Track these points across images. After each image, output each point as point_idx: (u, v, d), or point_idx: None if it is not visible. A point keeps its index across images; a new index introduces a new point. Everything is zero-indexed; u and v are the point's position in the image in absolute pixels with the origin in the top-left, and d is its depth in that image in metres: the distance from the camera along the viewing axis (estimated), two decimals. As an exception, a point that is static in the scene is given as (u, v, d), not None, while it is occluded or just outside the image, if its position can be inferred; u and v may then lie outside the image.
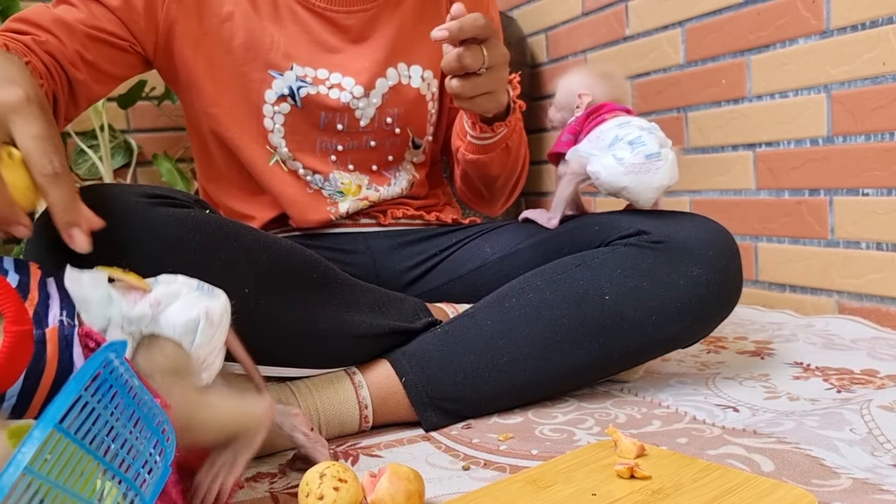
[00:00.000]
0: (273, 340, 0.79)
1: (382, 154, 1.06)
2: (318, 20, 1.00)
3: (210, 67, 0.99)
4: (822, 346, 1.13)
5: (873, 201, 1.26)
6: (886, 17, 1.21)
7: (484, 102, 0.89)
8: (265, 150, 1.01)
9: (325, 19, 1.00)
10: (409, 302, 0.93)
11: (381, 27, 1.03)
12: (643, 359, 0.93)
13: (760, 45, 1.43)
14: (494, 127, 0.97)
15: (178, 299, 0.59)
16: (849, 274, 1.32)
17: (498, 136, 0.98)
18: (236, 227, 0.78)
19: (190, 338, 0.59)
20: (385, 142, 1.05)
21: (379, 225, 1.08)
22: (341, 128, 1.02)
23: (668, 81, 1.65)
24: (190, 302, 0.59)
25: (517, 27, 2.03)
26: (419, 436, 0.85)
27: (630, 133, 0.91)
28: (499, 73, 0.87)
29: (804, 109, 1.36)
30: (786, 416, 0.81)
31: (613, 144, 0.91)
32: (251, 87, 0.99)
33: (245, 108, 1.00)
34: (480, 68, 0.84)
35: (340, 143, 1.03)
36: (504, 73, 0.89)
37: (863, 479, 0.65)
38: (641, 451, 0.69)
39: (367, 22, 1.02)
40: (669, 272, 0.87)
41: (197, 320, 0.59)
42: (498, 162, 1.03)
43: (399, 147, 1.07)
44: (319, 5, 1.00)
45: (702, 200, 1.61)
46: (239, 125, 1.00)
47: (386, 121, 1.04)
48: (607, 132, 0.92)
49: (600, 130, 0.94)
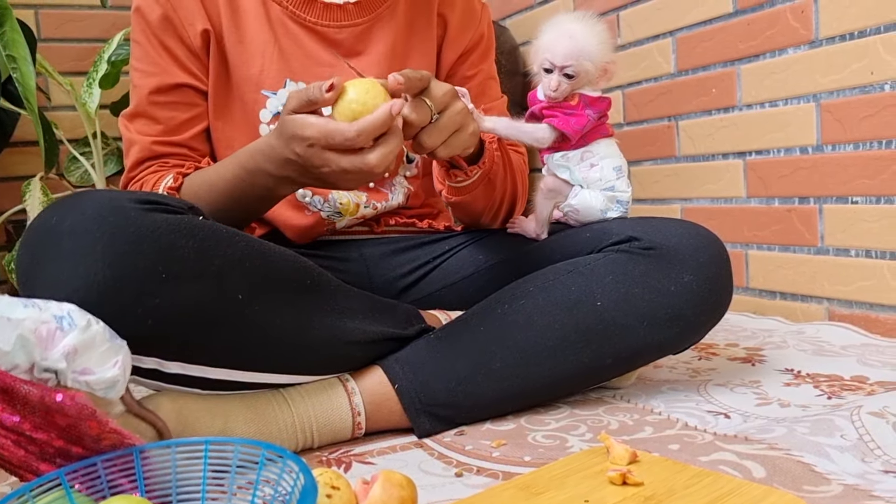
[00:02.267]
0: (266, 347, 0.79)
1: None
2: (310, 35, 1.00)
3: (214, 90, 1.00)
4: (812, 353, 1.14)
5: (862, 209, 1.27)
6: (874, 27, 1.22)
7: (458, 142, 0.85)
8: None
9: (316, 34, 1.00)
10: (402, 308, 0.93)
11: (374, 43, 1.03)
12: (635, 365, 0.94)
13: (750, 55, 1.44)
14: (468, 171, 0.94)
15: (93, 349, 0.60)
16: (838, 281, 1.33)
17: (475, 178, 0.94)
18: (230, 233, 0.78)
19: (111, 392, 0.62)
20: None
21: (372, 233, 1.08)
22: None
23: (659, 90, 1.67)
24: (107, 356, 0.61)
25: (510, 36, 2.04)
26: (412, 442, 0.85)
27: (623, 192, 0.95)
28: (453, 109, 0.83)
29: (793, 118, 1.37)
30: (777, 423, 0.82)
31: (606, 189, 0.94)
32: (247, 108, 0.99)
33: (243, 129, 1.00)
34: (432, 116, 0.81)
35: None
36: (459, 106, 0.83)
37: (853, 486, 0.65)
38: (634, 457, 0.69)
39: (359, 37, 1.02)
40: (661, 278, 0.87)
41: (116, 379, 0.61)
42: (482, 198, 1.00)
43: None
44: (310, 20, 1.00)
45: (693, 208, 1.62)
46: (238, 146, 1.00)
47: None
48: (607, 174, 0.93)
49: (602, 170, 0.93)
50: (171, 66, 0.97)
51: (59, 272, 0.67)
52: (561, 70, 0.90)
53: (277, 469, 0.54)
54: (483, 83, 1.12)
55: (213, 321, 0.73)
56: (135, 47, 0.99)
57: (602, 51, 0.90)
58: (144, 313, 0.68)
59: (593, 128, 0.94)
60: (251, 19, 0.99)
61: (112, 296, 0.67)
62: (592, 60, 0.90)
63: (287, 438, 0.81)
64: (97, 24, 2.02)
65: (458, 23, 1.09)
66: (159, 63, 0.97)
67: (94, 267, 0.66)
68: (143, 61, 0.98)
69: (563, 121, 0.91)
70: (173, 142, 0.99)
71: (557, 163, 0.96)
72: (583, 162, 0.95)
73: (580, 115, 0.91)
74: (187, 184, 0.93)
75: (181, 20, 0.97)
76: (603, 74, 0.92)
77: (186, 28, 0.97)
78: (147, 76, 0.98)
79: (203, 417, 0.77)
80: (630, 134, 1.75)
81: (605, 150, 0.95)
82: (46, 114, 1.85)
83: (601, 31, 0.92)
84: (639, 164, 1.74)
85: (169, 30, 0.97)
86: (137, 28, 0.98)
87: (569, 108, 0.91)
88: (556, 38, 0.90)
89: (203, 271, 0.72)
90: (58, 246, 0.67)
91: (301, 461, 0.52)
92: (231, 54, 0.99)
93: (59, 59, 1.95)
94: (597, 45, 0.90)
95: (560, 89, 0.91)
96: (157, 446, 0.58)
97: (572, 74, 0.90)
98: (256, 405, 0.81)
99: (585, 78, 0.92)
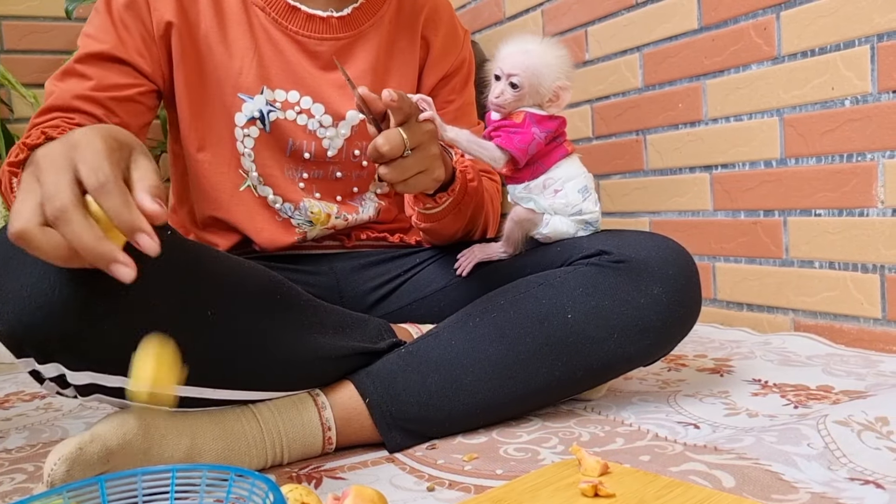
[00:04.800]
0: (235, 363, 0.78)
1: (348, 185, 1.06)
2: (291, 43, 1.00)
3: (187, 89, 0.98)
4: (778, 363, 1.16)
5: (825, 221, 1.30)
6: (834, 44, 1.25)
7: (418, 183, 0.84)
8: (237, 174, 1.01)
9: (297, 43, 1.00)
10: (373, 323, 0.92)
11: (354, 59, 1.03)
12: (606, 377, 0.94)
13: (715, 70, 1.47)
14: (437, 198, 0.93)
15: None
16: (803, 292, 1.35)
17: (444, 206, 0.94)
18: (198, 248, 0.77)
19: None
20: (351, 174, 1.05)
21: (343, 247, 1.07)
22: (308, 156, 1.01)
23: (627, 105, 1.69)
24: None
25: (479, 51, 2.05)
26: (383, 457, 0.84)
27: (592, 212, 0.94)
28: (426, 151, 0.82)
29: (758, 132, 1.40)
30: (745, 432, 0.82)
31: (574, 215, 0.94)
32: (223, 109, 0.99)
33: (218, 131, 0.99)
34: (404, 152, 0.80)
35: (306, 171, 1.03)
36: (433, 149, 0.83)
37: (820, 493, 0.66)
38: (605, 469, 0.69)
39: (339, 51, 1.02)
40: (630, 291, 0.88)
41: None
42: (451, 224, 0.99)
43: (364, 180, 1.07)
44: (292, 29, 1.00)
45: (661, 221, 1.64)
46: (213, 147, 1.00)
47: (354, 153, 1.04)
48: (573, 199, 0.92)
49: (567, 195, 0.92)
50: (121, 43, 0.95)
51: (21, 289, 0.65)
52: (508, 78, 0.89)
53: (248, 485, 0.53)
54: (462, 108, 1.13)
55: (181, 338, 0.72)
56: (94, 15, 0.98)
57: (555, 71, 0.89)
58: (110, 330, 0.67)
59: (551, 150, 0.92)
60: (234, 23, 0.99)
61: (76, 313, 0.65)
62: (543, 77, 0.88)
63: (256, 455, 0.80)
64: (61, 36, 1.99)
65: (440, 46, 1.10)
66: (111, 33, 0.96)
67: (58, 283, 0.65)
68: (99, 29, 0.96)
69: (506, 139, 0.89)
70: (94, 98, 0.93)
71: (521, 195, 0.94)
72: (546, 190, 0.93)
73: (525, 132, 0.89)
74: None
75: (148, 4, 0.96)
76: (555, 99, 0.90)
77: (151, 13, 0.96)
78: (97, 42, 0.96)
79: (170, 435, 0.76)
80: (599, 148, 1.77)
81: (566, 172, 0.93)
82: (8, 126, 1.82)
83: (560, 54, 0.91)
84: (608, 178, 1.76)
85: (132, 10, 0.96)
86: (103, 1, 0.97)
87: (513, 127, 0.89)
88: (510, 51, 0.90)
89: (170, 287, 0.71)
90: (20, 262, 0.66)
91: (270, 480, 0.52)
92: (212, 54, 0.98)
93: (22, 70, 1.92)
94: (551, 64, 0.89)
95: (503, 97, 0.89)
96: (123, 476, 0.57)
97: (517, 84, 0.88)
98: (224, 422, 0.79)
99: (535, 95, 0.90)
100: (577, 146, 1.82)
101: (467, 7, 2.19)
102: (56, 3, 1.93)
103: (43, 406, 1.20)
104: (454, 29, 1.12)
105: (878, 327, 1.23)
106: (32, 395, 1.28)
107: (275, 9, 0.99)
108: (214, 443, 0.78)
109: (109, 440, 0.72)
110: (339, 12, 1.02)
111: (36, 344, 0.66)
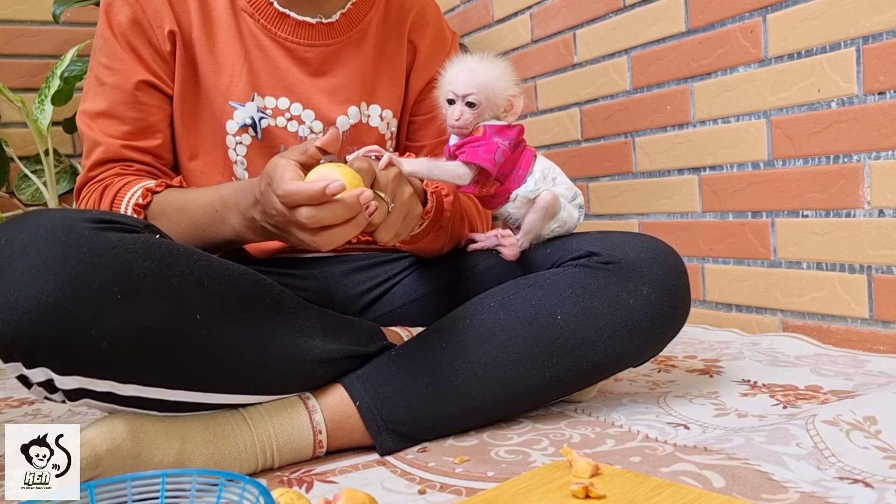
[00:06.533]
0: (225, 367, 0.77)
1: None
2: (281, 50, 1.00)
3: (181, 97, 0.98)
4: (767, 364, 1.16)
5: (812, 222, 1.31)
6: (820, 46, 1.26)
7: (405, 229, 0.84)
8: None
9: (286, 50, 1.00)
10: (364, 326, 0.92)
11: (342, 65, 1.03)
12: (596, 378, 0.94)
13: (703, 73, 1.48)
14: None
15: None
16: (791, 293, 1.36)
17: (422, 228, 0.92)
18: (187, 252, 0.77)
19: None
20: None
21: (333, 250, 1.07)
22: None
23: (615, 107, 1.69)
24: None
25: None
26: (374, 460, 0.84)
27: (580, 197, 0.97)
28: (402, 195, 0.82)
29: (745, 134, 1.41)
30: (735, 433, 0.83)
31: (573, 200, 0.96)
32: (215, 117, 0.98)
33: (210, 139, 0.99)
34: (388, 207, 0.80)
35: None
36: (407, 190, 0.83)
37: (810, 493, 0.66)
38: (596, 470, 0.69)
39: (327, 58, 1.02)
40: (619, 292, 0.89)
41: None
42: (435, 241, 0.98)
43: None
44: (281, 35, 1.00)
45: (650, 223, 1.65)
46: (205, 156, 0.99)
47: (344, 159, 1.03)
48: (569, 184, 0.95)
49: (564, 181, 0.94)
50: (138, 66, 0.96)
51: (9, 294, 0.65)
52: (463, 99, 0.89)
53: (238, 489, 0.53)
54: None
55: (171, 342, 0.72)
56: (101, 42, 0.98)
57: (504, 84, 0.90)
58: (99, 335, 0.67)
59: (520, 156, 0.92)
60: (223, 30, 0.98)
61: (65, 318, 0.65)
62: (497, 89, 0.89)
63: (247, 459, 0.80)
64: (49, 40, 1.98)
65: (427, 49, 1.10)
66: (126, 61, 0.96)
67: (47, 288, 0.64)
68: (109, 57, 0.97)
69: (471, 153, 0.89)
70: (141, 147, 0.97)
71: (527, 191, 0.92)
72: (545, 179, 0.93)
73: (488, 143, 0.89)
74: (157, 202, 0.92)
75: (150, 22, 0.95)
76: (510, 108, 0.91)
77: (155, 30, 0.96)
78: (112, 72, 0.96)
79: (159, 440, 0.75)
80: (588, 150, 1.78)
81: (549, 163, 0.95)
82: (-4, 131, 1.81)
83: (503, 67, 0.92)
84: (597, 180, 1.77)
85: (137, 31, 0.96)
86: (105, 25, 0.97)
87: (475, 141, 0.89)
88: (457, 73, 0.90)
89: (160, 291, 0.71)
90: (8, 266, 0.65)
91: (260, 485, 0.51)
92: (202, 62, 0.98)
93: (9, 75, 1.91)
94: (499, 78, 0.90)
95: (463, 118, 0.89)
96: (112, 481, 0.57)
97: (474, 103, 0.88)
98: (215, 426, 0.79)
99: (490, 110, 0.90)
100: (566, 149, 1.83)
101: (456, 10, 2.19)
102: (44, 8, 1.92)
103: (31, 412, 1.20)
104: (441, 32, 1.12)
105: (865, 327, 1.24)
106: (20, 401, 1.27)
107: (264, 15, 0.99)
108: (205, 447, 0.77)
109: (98, 445, 0.71)
110: (328, 18, 1.02)
111: (24, 349, 0.66)
